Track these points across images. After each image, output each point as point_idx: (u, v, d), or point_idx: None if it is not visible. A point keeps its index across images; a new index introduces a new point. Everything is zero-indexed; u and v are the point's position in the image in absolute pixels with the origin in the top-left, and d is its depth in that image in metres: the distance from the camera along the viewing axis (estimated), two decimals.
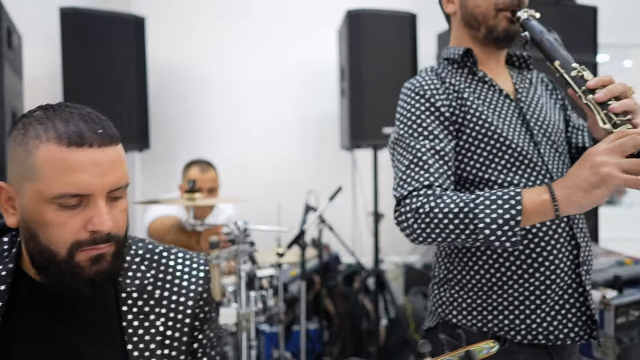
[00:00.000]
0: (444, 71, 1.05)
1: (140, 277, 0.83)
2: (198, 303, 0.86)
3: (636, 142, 0.74)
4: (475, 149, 0.98)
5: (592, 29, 2.47)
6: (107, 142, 0.69)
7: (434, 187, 0.91)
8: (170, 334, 0.83)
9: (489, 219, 0.82)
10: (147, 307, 0.82)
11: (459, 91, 1.00)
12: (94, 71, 2.39)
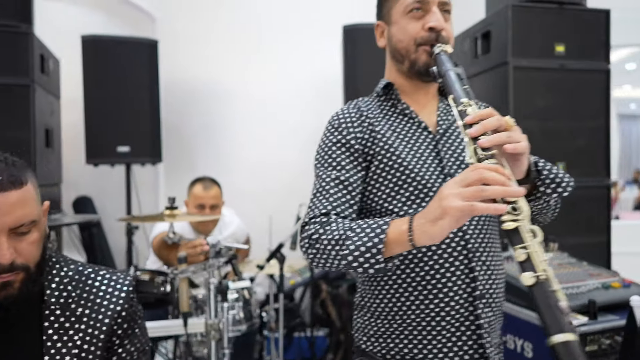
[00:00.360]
0: (371, 103, 1.08)
1: (65, 296, 0.95)
2: (115, 321, 0.96)
3: (480, 175, 0.74)
4: (382, 180, 0.99)
5: (605, 34, 2.33)
6: (7, 188, 0.81)
7: (331, 215, 0.95)
8: (87, 348, 0.94)
9: (353, 247, 0.85)
10: (68, 323, 0.94)
11: (373, 124, 1.03)
12: (111, 92, 2.62)
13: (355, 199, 0.99)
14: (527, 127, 2.25)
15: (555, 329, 0.64)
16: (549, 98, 2.26)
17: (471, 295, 0.95)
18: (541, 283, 0.68)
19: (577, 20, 2.30)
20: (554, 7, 2.27)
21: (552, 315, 0.65)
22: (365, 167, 1.01)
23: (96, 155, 2.63)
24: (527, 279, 0.69)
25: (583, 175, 2.29)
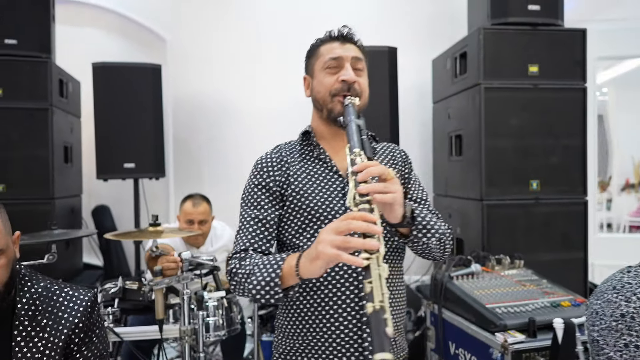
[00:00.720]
0: (294, 147, 1.22)
1: (33, 309, 1.16)
2: (73, 331, 1.16)
3: (348, 226, 0.87)
4: (292, 219, 1.13)
5: (581, 53, 2.36)
6: None
7: (249, 250, 1.10)
8: (48, 353, 1.14)
9: (256, 282, 1.00)
10: (34, 332, 1.14)
11: (290, 168, 1.16)
12: (119, 113, 2.88)
13: (272, 234, 1.14)
14: (500, 146, 2.36)
15: (378, 349, 0.76)
16: (523, 117, 2.33)
17: (359, 321, 1.07)
18: (376, 312, 0.80)
19: (553, 40, 2.35)
20: (527, 29, 2.33)
21: (378, 338, 0.78)
22: (282, 206, 1.15)
23: (106, 171, 2.91)
24: (368, 307, 0.82)
25: (558, 192, 2.35)
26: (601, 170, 7.78)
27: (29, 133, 2.74)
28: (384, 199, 0.93)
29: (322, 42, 1.18)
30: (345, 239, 0.87)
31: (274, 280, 0.98)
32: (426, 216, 1.07)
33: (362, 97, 1.14)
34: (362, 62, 1.18)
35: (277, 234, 1.16)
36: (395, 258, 1.15)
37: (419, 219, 1.04)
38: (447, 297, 1.92)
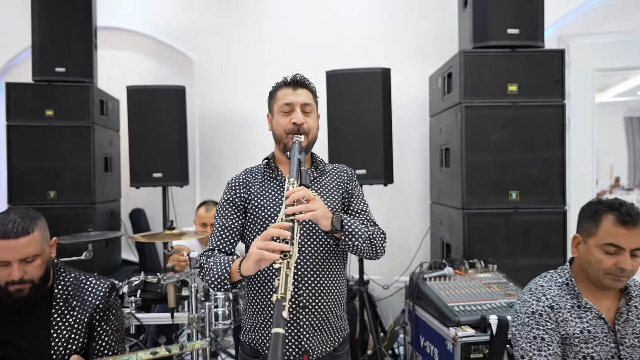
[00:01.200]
0: (259, 170, 1.51)
1: (66, 294, 1.53)
2: (95, 310, 1.53)
3: (270, 232, 1.18)
4: (252, 226, 1.44)
5: (559, 72, 2.51)
6: (18, 235, 1.37)
7: (215, 250, 1.42)
8: (76, 327, 1.51)
9: (212, 276, 1.32)
10: (66, 311, 1.52)
11: (252, 187, 1.46)
12: (148, 129, 3.30)
13: (234, 238, 1.45)
14: (481, 159, 2.56)
15: (275, 325, 1.03)
16: (502, 132, 2.52)
17: (298, 307, 1.35)
18: (278, 300, 1.08)
19: (532, 60, 2.52)
20: (507, 51, 2.52)
21: (277, 319, 1.05)
22: (245, 216, 1.46)
23: (137, 180, 3.34)
24: (274, 296, 1.09)
25: (538, 202, 2.53)
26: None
27: (74, 147, 3.21)
28: (303, 217, 1.22)
29: (279, 87, 1.47)
30: (267, 243, 1.17)
31: (223, 276, 1.30)
32: (353, 224, 1.34)
33: (309, 134, 1.43)
34: (311, 105, 1.46)
35: (241, 237, 1.46)
36: (332, 257, 1.42)
37: (346, 227, 1.32)
38: (419, 296, 2.17)
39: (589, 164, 3.34)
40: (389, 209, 3.64)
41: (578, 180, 3.34)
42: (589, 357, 1.32)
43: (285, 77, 1.48)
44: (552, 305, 1.38)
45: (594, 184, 3.36)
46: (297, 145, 1.38)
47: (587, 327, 1.34)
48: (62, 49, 3.23)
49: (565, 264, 1.48)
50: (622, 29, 3.26)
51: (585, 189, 3.34)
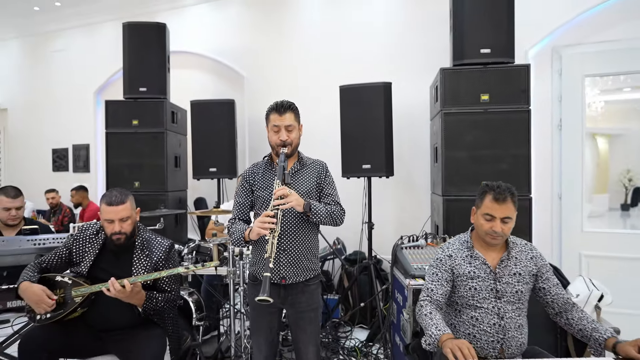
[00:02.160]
0: (262, 163, 2.26)
1: (143, 246, 2.41)
2: (159, 257, 2.39)
3: (263, 217, 1.91)
4: (256, 202, 2.19)
5: (525, 83, 3.02)
6: (118, 204, 2.26)
7: (236, 219, 2.21)
8: (148, 266, 2.37)
9: (234, 237, 2.09)
10: (142, 256, 2.39)
11: (256, 175, 2.21)
12: (206, 133, 4.22)
13: (247, 209, 2.22)
14: (458, 156, 3.21)
15: (265, 271, 1.79)
16: (476, 134, 3.08)
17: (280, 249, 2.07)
18: (267, 258, 1.83)
19: (502, 74, 3.06)
20: (479, 67, 3.08)
21: (266, 267, 1.80)
22: (252, 196, 2.22)
23: (198, 173, 4.28)
24: (265, 255, 1.85)
25: None
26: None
27: (152, 149, 4.19)
28: (284, 207, 1.96)
29: (271, 111, 2.18)
30: (262, 223, 1.92)
31: (240, 238, 2.07)
32: (316, 207, 2.05)
33: (292, 144, 2.14)
34: (292, 125, 2.15)
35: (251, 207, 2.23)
36: (305, 223, 2.13)
37: (312, 208, 2.04)
38: (396, 260, 2.83)
39: (579, 161, 3.74)
40: (402, 200, 4.28)
41: (565, 175, 3.76)
42: (473, 288, 1.94)
43: (275, 102, 2.20)
44: (451, 254, 2.01)
45: (582, 179, 3.75)
46: (283, 155, 2.11)
47: (473, 269, 1.96)
48: (144, 73, 4.23)
49: (469, 228, 2.10)
50: (609, 39, 3.63)
51: (575, 183, 3.75)
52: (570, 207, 3.78)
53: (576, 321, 1.86)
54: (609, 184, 4.13)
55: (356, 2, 4.52)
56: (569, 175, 3.78)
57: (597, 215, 3.97)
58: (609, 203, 4.05)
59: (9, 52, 6.53)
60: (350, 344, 3.48)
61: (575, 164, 3.76)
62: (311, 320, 2.13)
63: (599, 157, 5.76)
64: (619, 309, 3.50)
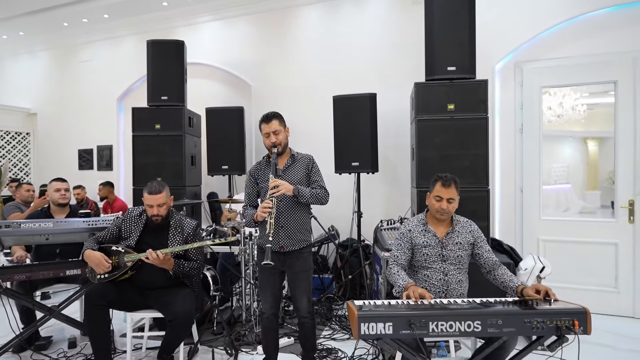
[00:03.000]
0: (263, 161, 2.93)
1: (176, 225, 3.09)
2: (188, 234, 3.08)
3: (264, 204, 2.59)
4: (260, 192, 2.86)
5: (484, 95, 3.67)
6: (156, 192, 2.94)
7: (248, 206, 2.89)
8: (181, 241, 3.05)
9: (245, 221, 2.78)
10: (176, 233, 3.08)
11: (259, 171, 2.89)
12: (220, 135, 4.90)
13: (255, 197, 2.89)
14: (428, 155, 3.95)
15: (266, 244, 2.47)
16: (443, 137, 3.73)
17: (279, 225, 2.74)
18: (267, 234, 2.51)
19: (465, 88, 3.71)
20: (446, 82, 3.73)
21: (266, 241, 2.48)
22: (257, 185, 2.90)
23: (212, 170, 4.97)
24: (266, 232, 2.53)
25: (469, 184, 3.71)
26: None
27: (172, 149, 4.87)
28: (276, 195, 2.62)
29: (261, 122, 2.84)
30: (262, 208, 2.59)
31: (251, 220, 2.75)
32: (302, 191, 2.72)
33: (281, 145, 2.80)
34: (278, 129, 2.78)
35: (257, 196, 2.90)
36: (297, 204, 2.78)
37: (300, 193, 2.71)
38: (376, 239, 3.49)
39: (537, 160, 4.39)
40: (388, 192, 4.94)
41: (526, 171, 4.41)
42: (425, 254, 2.59)
43: (263, 115, 2.85)
44: (410, 229, 2.67)
45: (540, 175, 4.40)
46: (274, 155, 2.79)
47: (426, 240, 2.61)
48: (165, 83, 4.91)
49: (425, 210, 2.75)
50: (562, 56, 4.28)
51: (533, 178, 4.40)
52: (530, 199, 4.44)
53: (500, 276, 2.51)
54: (599, 181, 4.73)
55: (347, 23, 5.19)
56: (528, 172, 4.44)
57: (590, 212, 4.57)
58: (600, 200, 4.64)
59: (39, 62, 7.24)
60: (341, 313, 4.14)
61: (534, 162, 4.41)
62: (304, 279, 2.79)
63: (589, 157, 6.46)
64: (569, 284, 4.18)
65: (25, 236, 3.11)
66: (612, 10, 4.14)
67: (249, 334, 3.56)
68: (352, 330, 1.96)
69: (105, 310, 2.82)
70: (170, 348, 2.91)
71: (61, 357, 3.31)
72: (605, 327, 3.81)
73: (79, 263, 3.17)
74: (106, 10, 6.00)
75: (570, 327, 1.96)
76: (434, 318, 1.93)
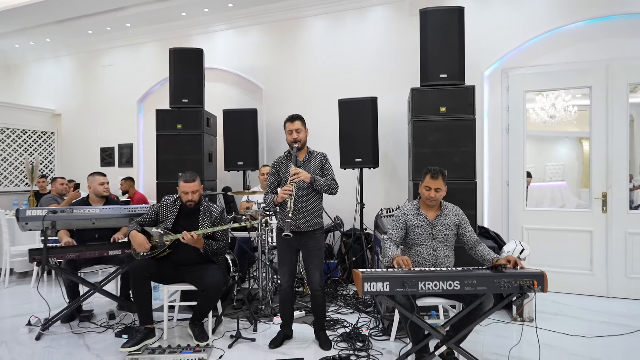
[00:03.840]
0: (283, 156, 3.46)
1: (205, 210, 3.62)
2: (215, 217, 3.60)
3: (285, 187, 3.12)
4: (280, 181, 3.38)
5: (471, 99, 4.17)
6: (191, 181, 3.46)
7: (269, 192, 3.40)
8: (209, 223, 3.57)
9: (267, 203, 3.30)
10: (205, 217, 3.60)
11: (280, 163, 3.41)
12: (235, 134, 5.42)
13: (276, 186, 3.41)
14: (423, 151, 4.55)
15: (284, 221, 3.01)
16: (436, 136, 4.23)
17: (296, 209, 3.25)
18: (287, 212, 3.03)
19: (455, 92, 4.21)
20: (439, 87, 4.23)
21: (286, 217, 3.00)
22: (278, 175, 3.41)
23: (229, 166, 5.48)
24: (286, 211, 3.04)
25: (458, 177, 4.21)
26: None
27: (192, 147, 5.37)
28: (296, 180, 3.15)
29: (286, 121, 3.37)
30: (284, 191, 3.13)
31: (272, 203, 3.27)
32: (317, 180, 3.24)
33: (301, 141, 3.33)
34: (300, 128, 3.33)
35: (278, 185, 3.42)
36: (312, 191, 3.30)
37: (315, 182, 3.22)
38: (377, 225, 4.00)
39: (521, 156, 4.89)
40: (387, 186, 5.45)
41: (511, 167, 4.92)
42: (418, 234, 3.10)
43: (289, 115, 3.38)
44: (405, 213, 3.17)
45: (524, 169, 4.90)
46: (295, 149, 3.31)
47: (418, 221, 3.12)
48: (186, 87, 5.41)
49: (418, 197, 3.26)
50: (543, 64, 4.78)
51: (518, 173, 4.90)
52: (515, 192, 4.94)
53: (479, 252, 3.02)
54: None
55: (350, 33, 5.69)
56: (514, 167, 4.94)
57: (584, 207, 5.04)
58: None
59: (63, 66, 7.77)
60: (345, 293, 4.65)
61: (518, 158, 4.91)
62: (317, 256, 3.31)
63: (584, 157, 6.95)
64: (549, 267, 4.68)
65: (76, 220, 3.63)
66: (588, 23, 4.64)
67: (266, 308, 4.07)
68: (357, 289, 2.47)
69: (148, 282, 3.34)
70: (201, 315, 3.42)
71: (104, 325, 3.83)
72: (582, 304, 4.31)
73: (121, 244, 3.69)
74: (129, 20, 6.51)
75: (531, 286, 2.46)
76: (422, 279, 2.45)
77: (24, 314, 4.11)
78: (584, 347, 3.29)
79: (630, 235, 4.48)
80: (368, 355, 3.12)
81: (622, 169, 4.53)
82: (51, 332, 3.67)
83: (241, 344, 3.38)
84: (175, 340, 3.46)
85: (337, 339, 3.43)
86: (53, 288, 5.17)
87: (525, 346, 3.17)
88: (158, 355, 3.01)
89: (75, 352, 3.26)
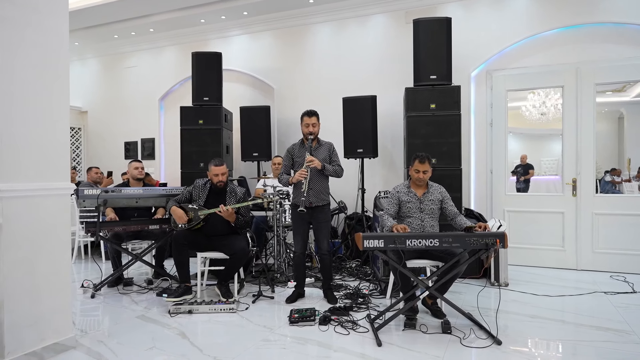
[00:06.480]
0: (298, 143, 4.14)
1: (230, 190, 4.31)
2: (241, 197, 4.29)
3: (301, 171, 3.81)
4: (294, 166, 4.06)
5: (457, 97, 4.85)
6: (221, 164, 4.15)
7: (283, 173, 4.08)
8: (235, 201, 4.27)
9: (282, 183, 4.00)
10: (230, 197, 4.30)
11: (294, 149, 4.09)
12: (250, 128, 6.11)
13: (290, 169, 4.10)
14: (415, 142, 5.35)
15: (299, 198, 3.71)
16: (427, 129, 4.91)
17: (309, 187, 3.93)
18: (302, 192, 3.74)
19: (443, 91, 4.89)
20: (429, 87, 4.91)
21: (302, 203, 3.70)
22: (292, 161, 4.10)
23: (245, 157, 6.17)
24: (302, 190, 3.74)
25: (445, 165, 4.90)
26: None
27: (212, 140, 6.08)
28: (312, 165, 3.84)
29: (304, 115, 4.06)
30: (300, 174, 3.83)
31: (287, 181, 3.97)
32: (327, 167, 3.93)
33: (315, 133, 4.02)
34: (315, 122, 4.03)
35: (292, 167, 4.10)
36: (322, 174, 3.99)
37: (325, 167, 3.91)
38: (376, 204, 4.68)
39: (503, 148, 5.56)
40: (386, 173, 6.14)
41: (495, 157, 5.59)
42: (408, 208, 3.77)
43: (306, 110, 4.06)
44: (399, 190, 3.85)
45: (506, 161, 5.58)
46: (310, 140, 3.99)
47: (409, 198, 3.79)
48: (207, 86, 6.11)
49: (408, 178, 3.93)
50: (523, 66, 5.45)
51: (500, 162, 5.57)
52: (497, 179, 5.61)
53: (458, 222, 3.69)
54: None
55: (352, 38, 6.37)
56: (497, 157, 5.61)
57: (557, 192, 5.72)
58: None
59: (90, 67, 8.47)
60: (348, 266, 5.34)
61: (501, 149, 5.58)
62: (325, 227, 4.00)
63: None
64: (527, 245, 5.35)
65: (123, 199, 4.32)
66: (561, 30, 5.31)
67: (281, 277, 4.76)
68: (357, 245, 3.16)
69: (186, 249, 4.04)
70: (228, 276, 4.12)
71: (143, 290, 4.53)
72: (555, 276, 4.99)
73: (159, 220, 4.39)
74: (152, 26, 7.20)
75: (494, 243, 3.14)
76: (409, 238, 3.13)
77: (75, 280, 4.82)
78: (544, 303, 3.97)
79: (597, 215, 5.15)
80: (367, 307, 3.81)
81: (590, 158, 5.20)
82: (102, 293, 4.38)
83: (262, 301, 4.07)
84: (206, 299, 4.16)
85: (342, 297, 4.12)
86: (89, 264, 5.87)
87: (496, 301, 3.85)
88: (197, 306, 3.71)
89: (127, 305, 3.96)
